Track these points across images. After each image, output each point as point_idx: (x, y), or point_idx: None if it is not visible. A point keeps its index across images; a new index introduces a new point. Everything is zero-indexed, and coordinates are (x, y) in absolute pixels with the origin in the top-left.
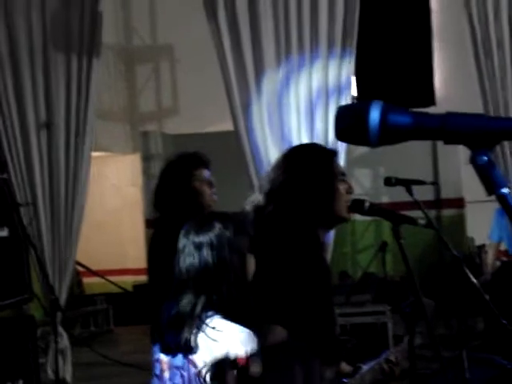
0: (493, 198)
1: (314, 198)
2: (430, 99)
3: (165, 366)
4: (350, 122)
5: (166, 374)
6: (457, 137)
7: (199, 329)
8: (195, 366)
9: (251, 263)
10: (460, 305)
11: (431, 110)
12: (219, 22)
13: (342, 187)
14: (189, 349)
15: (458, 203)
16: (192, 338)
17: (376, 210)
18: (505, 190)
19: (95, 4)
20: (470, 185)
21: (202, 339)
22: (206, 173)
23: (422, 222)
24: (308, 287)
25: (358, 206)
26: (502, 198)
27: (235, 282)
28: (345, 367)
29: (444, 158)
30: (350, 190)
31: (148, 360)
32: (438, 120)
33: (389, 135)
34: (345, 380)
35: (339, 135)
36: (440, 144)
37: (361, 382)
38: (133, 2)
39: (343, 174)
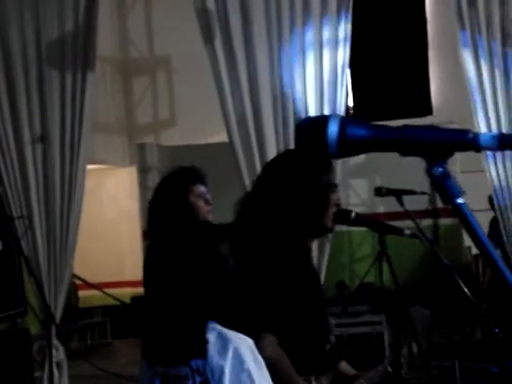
0: (489, 207)
1: (305, 208)
2: (427, 109)
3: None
4: (310, 136)
5: None
6: (413, 149)
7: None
8: (200, 374)
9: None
10: (457, 314)
11: (428, 119)
12: (215, 46)
13: (332, 198)
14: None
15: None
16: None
17: (362, 220)
18: (460, 200)
19: (90, 18)
20: (467, 194)
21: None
22: (202, 188)
23: (408, 232)
24: (297, 294)
25: (344, 216)
26: (457, 208)
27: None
28: (348, 369)
29: None
30: (338, 202)
31: None
32: (395, 132)
33: (347, 147)
34: None
35: (299, 146)
36: None
37: None
38: (129, 14)
39: (335, 185)
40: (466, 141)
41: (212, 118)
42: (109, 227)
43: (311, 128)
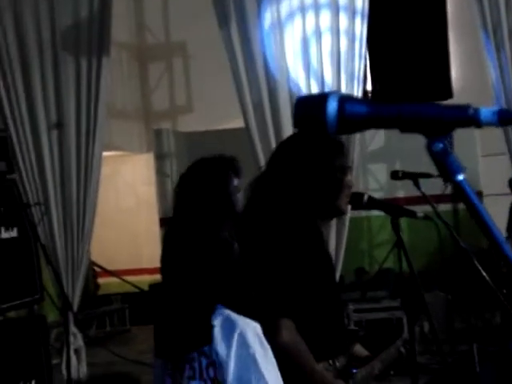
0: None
1: (318, 190)
2: (447, 91)
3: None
4: (308, 112)
5: (177, 371)
6: (412, 125)
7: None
8: (207, 356)
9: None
10: (476, 298)
11: (448, 102)
12: (231, 31)
13: (345, 180)
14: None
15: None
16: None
17: (374, 203)
18: (460, 177)
19: (105, 3)
20: (487, 178)
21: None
22: (237, 182)
23: (421, 214)
24: (310, 277)
25: (357, 199)
26: (457, 185)
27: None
28: (361, 351)
29: (461, 152)
30: (351, 184)
31: None
32: (394, 109)
33: (346, 124)
34: (354, 370)
35: (297, 125)
36: (457, 137)
37: (371, 371)
38: (145, 0)
39: (349, 167)
40: (467, 116)
41: (229, 103)
42: (126, 214)
43: (310, 105)
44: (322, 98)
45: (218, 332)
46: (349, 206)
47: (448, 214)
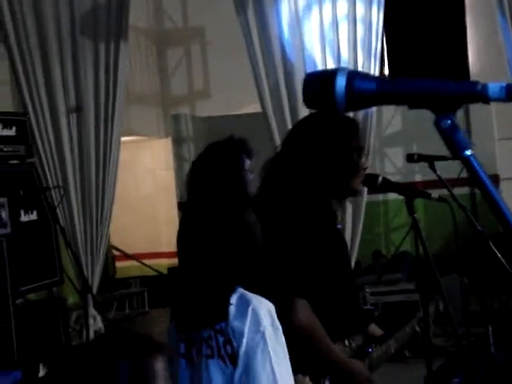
0: None
1: (334, 171)
2: (464, 75)
3: (190, 343)
4: (317, 89)
5: (193, 350)
6: (420, 101)
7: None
8: (223, 334)
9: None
10: (493, 281)
11: None
12: (248, 15)
13: (360, 161)
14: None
15: (493, 180)
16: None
17: (389, 184)
18: (468, 152)
19: None
20: (504, 162)
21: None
22: (249, 163)
23: (435, 195)
24: (325, 257)
25: (371, 181)
26: (465, 161)
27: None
28: (376, 330)
29: (478, 135)
30: (366, 165)
31: None
32: (402, 84)
33: (355, 101)
34: (370, 349)
35: (307, 102)
36: (474, 120)
37: (387, 350)
38: None
39: (364, 148)
40: (474, 92)
41: (246, 88)
42: (145, 199)
43: (319, 81)
44: (330, 74)
45: (233, 309)
46: (365, 189)
47: (465, 197)
